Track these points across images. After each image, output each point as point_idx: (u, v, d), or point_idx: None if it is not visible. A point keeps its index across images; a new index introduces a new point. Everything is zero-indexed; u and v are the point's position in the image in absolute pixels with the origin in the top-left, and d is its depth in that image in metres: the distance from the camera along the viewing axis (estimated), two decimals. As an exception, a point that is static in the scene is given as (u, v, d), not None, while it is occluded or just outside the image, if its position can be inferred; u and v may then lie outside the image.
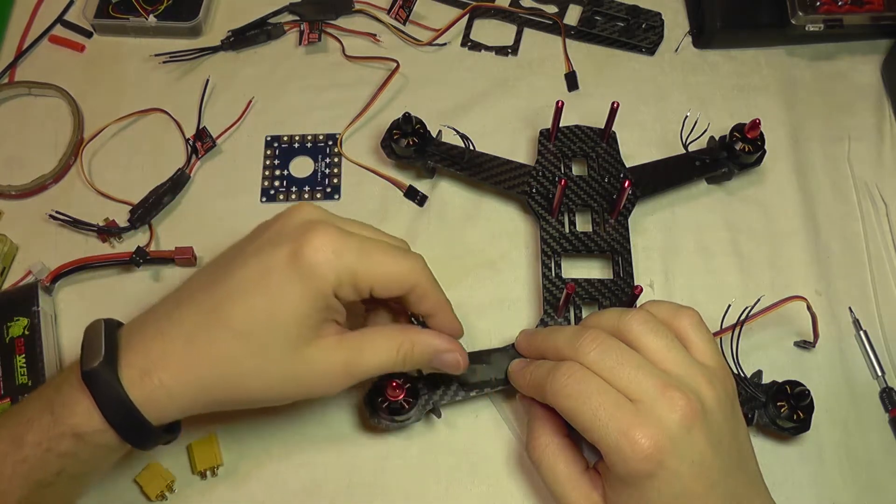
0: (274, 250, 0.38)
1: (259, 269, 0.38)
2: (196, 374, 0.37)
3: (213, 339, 0.37)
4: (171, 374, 0.37)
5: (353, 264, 0.38)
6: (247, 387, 0.38)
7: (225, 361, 0.37)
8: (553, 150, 0.54)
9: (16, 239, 0.54)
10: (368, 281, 0.39)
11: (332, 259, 0.37)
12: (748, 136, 0.53)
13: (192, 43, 0.62)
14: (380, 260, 0.39)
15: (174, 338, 0.37)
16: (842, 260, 0.54)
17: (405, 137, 0.53)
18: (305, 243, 0.37)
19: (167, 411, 0.37)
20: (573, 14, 0.63)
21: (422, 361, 0.41)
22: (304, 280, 0.37)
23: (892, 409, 0.48)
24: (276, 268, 0.37)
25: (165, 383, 0.37)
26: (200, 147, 0.57)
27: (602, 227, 0.52)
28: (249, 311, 0.37)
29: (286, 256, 0.37)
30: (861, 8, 0.58)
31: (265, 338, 0.37)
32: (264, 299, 0.37)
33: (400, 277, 0.40)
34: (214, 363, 0.37)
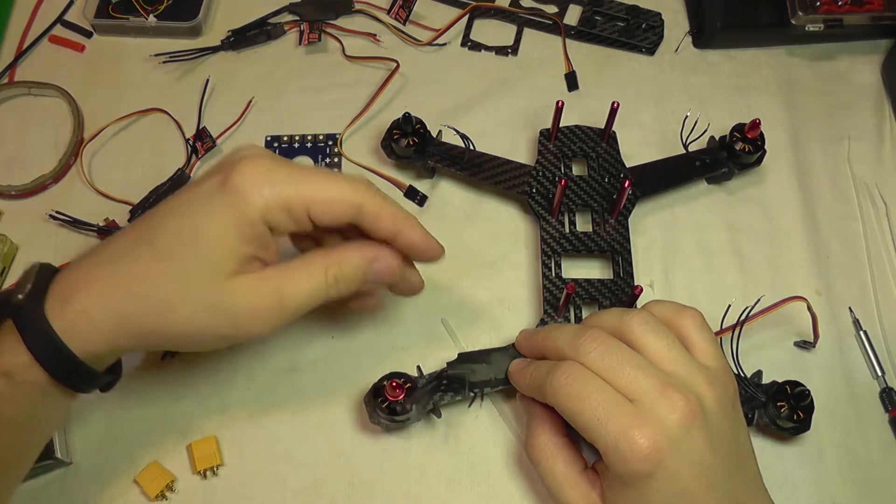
0: (206, 179, 0.37)
1: (189, 196, 0.37)
2: (118, 298, 0.36)
3: (137, 260, 0.36)
4: (93, 298, 0.36)
5: (285, 187, 0.36)
6: (170, 314, 0.36)
7: (146, 284, 0.36)
8: (553, 150, 0.54)
9: (16, 239, 0.54)
10: (303, 203, 0.37)
11: (260, 182, 0.36)
12: (748, 136, 0.53)
13: (192, 43, 0.62)
14: (315, 182, 0.37)
15: (98, 262, 0.37)
16: (842, 260, 0.54)
17: (405, 137, 0.53)
18: (234, 170, 0.36)
19: (92, 342, 0.36)
20: (573, 14, 0.63)
21: (355, 278, 0.40)
22: (231, 204, 0.36)
23: (892, 409, 0.48)
24: (205, 194, 0.37)
25: (87, 309, 0.35)
26: (200, 147, 0.57)
27: (602, 227, 0.52)
28: (174, 233, 0.36)
29: (216, 183, 0.36)
30: (861, 8, 0.58)
31: (188, 261, 0.36)
32: (189, 222, 0.36)
33: (339, 196, 0.38)
34: (136, 286, 0.36)
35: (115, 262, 0.37)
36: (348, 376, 0.49)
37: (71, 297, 0.36)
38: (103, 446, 0.47)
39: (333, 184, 0.38)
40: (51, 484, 0.46)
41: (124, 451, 0.47)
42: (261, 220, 0.37)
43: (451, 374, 0.46)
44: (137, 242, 0.37)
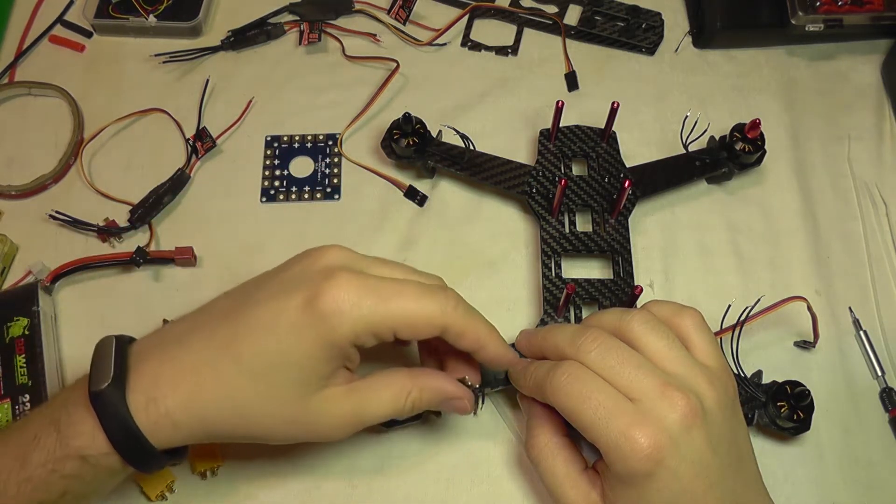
0: (291, 294, 0.37)
1: (273, 311, 0.37)
2: (201, 407, 0.37)
3: (222, 374, 0.37)
4: (177, 404, 0.36)
5: (370, 314, 0.36)
6: (252, 426, 0.38)
7: (231, 399, 0.37)
8: (553, 150, 0.54)
9: (16, 239, 0.54)
10: (388, 328, 0.37)
11: (348, 310, 0.36)
12: (748, 136, 0.53)
13: (192, 43, 0.62)
14: (400, 305, 0.37)
15: (183, 367, 0.37)
16: (842, 260, 0.54)
17: (405, 137, 0.53)
18: (321, 292, 0.36)
19: (171, 439, 0.37)
20: (573, 14, 0.63)
21: (430, 406, 0.41)
22: (317, 330, 0.36)
23: (892, 409, 0.48)
24: (290, 313, 0.36)
25: (171, 412, 0.36)
26: (200, 147, 0.57)
27: (602, 227, 0.52)
28: (260, 351, 0.36)
29: (301, 303, 0.36)
30: (861, 8, 0.58)
31: (273, 380, 0.37)
32: (275, 342, 0.36)
33: (425, 321, 0.38)
34: (221, 399, 0.37)
35: (199, 371, 0.37)
36: (348, 376, 0.49)
37: (157, 398, 0.36)
38: (103, 446, 0.47)
39: (419, 303, 0.38)
40: (51, 484, 0.46)
41: (124, 451, 0.47)
42: (349, 344, 0.37)
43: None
44: (221, 353, 0.37)
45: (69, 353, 0.50)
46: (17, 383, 0.46)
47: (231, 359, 0.37)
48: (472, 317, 0.40)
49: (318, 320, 0.36)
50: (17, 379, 0.47)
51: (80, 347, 0.50)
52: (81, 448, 0.36)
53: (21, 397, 0.46)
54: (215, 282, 0.52)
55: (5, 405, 0.46)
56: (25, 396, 0.46)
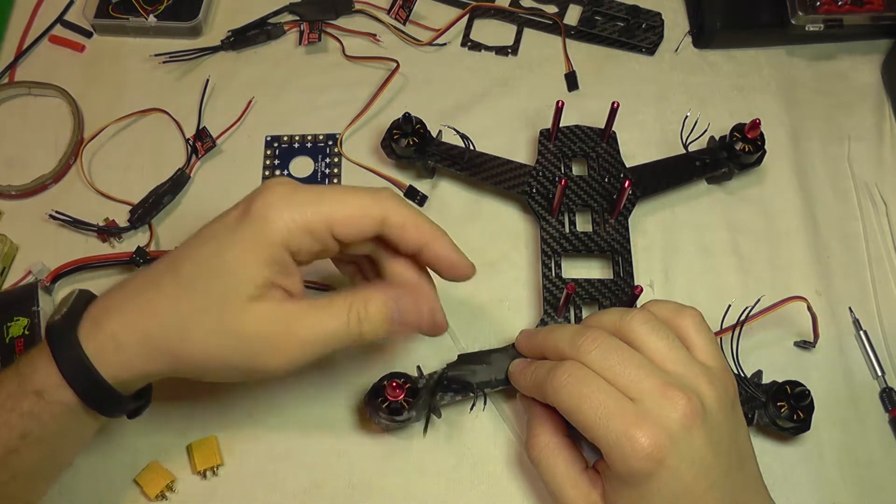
0: (228, 211, 0.38)
1: (213, 226, 0.38)
2: (141, 322, 0.37)
3: (162, 288, 0.37)
4: (120, 322, 0.37)
5: (305, 208, 0.36)
6: (185, 338, 0.36)
7: (167, 309, 0.37)
8: (553, 150, 0.54)
9: (16, 239, 0.54)
10: (324, 222, 0.37)
11: (280, 206, 0.36)
12: (748, 136, 0.53)
13: (192, 43, 0.62)
14: (335, 198, 0.37)
15: (129, 290, 0.38)
16: (842, 260, 0.54)
17: (405, 137, 0.53)
18: (255, 197, 0.37)
19: (118, 365, 0.37)
20: (573, 14, 0.63)
21: (380, 320, 0.38)
22: (252, 230, 0.36)
23: (892, 409, 0.48)
24: (227, 222, 0.37)
25: (115, 332, 0.36)
26: (200, 147, 0.57)
27: (602, 227, 0.52)
28: (195, 260, 0.37)
29: (239, 212, 0.37)
30: (861, 8, 0.58)
31: (207, 286, 0.36)
32: (211, 249, 0.37)
33: (361, 210, 0.37)
34: (158, 311, 0.37)
35: (143, 289, 0.38)
36: (348, 376, 0.49)
37: (101, 321, 0.37)
38: (103, 446, 0.47)
39: (354, 197, 0.38)
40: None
41: (124, 451, 0.47)
42: (281, 243, 0.36)
43: (450, 376, 0.46)
44: (164, 271, 0.38)
45: (69, 353, 0.50)
46: (17, 383, 0.46)
47: (171, 273, 0.37)
48: (412, 210, 0.39)
49: (251, 220, 0.36)
50: (17, 379, 0.47)
51: (80, 347, 0.50)
52: (37, 383, 0.36)
53: (21, 397, 0.46)
54: (215, 282, 0.52)
55: (5, 405, 0.46)
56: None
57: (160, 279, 0.38)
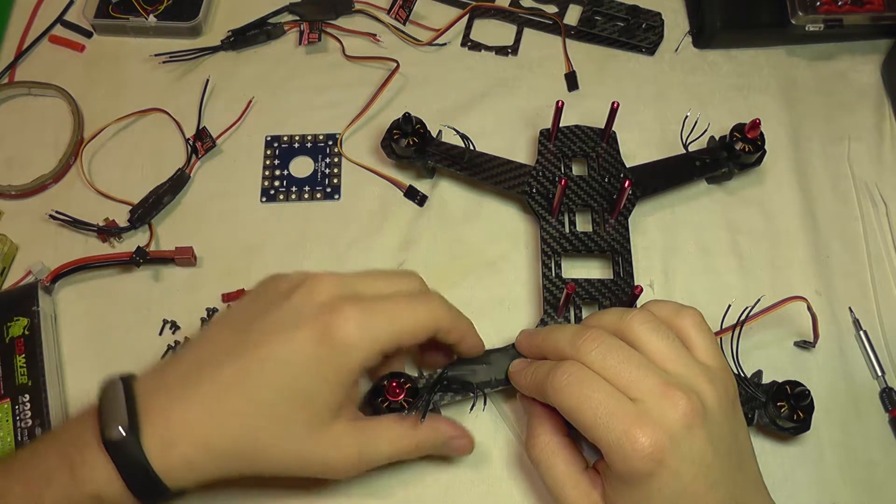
0: (300, 328, 0.38)
1: (286, 347, 0.38)
2: (216, 446, 0.37)
3: (235, 411, 0.37)
4: (192, 445, 0.37)
5: (378, 336, 0.38)
6: (265, 461, 0.38)
7: (246, 436, 0.37)
8: (553, 150, 0.54)
9: (16, 239, 0.54)
10: (395, 344, 0.39)
11: (360, 338, 0.38)
12: (748, 136, 0.53)
13: (192, 43, 0.62)
14: (402, 320, 0.39)
15: (195, 406, 0.37)
16: (842, 260, 0.54)
17: (405, 137, 0.53)
18: (333, 326, 0.37)
19: (186, 479, 0.37)
20: (573, 14, 0.63)
21: (434, 448, 0.43)
22: (335, 361, 0.37)
23: (892, 409, 0.48)
24: (305, 347, 0.37)
25: (186, 454, 0.37)
26: (200, 147, 0.57)
27: (602, 227, 0.52)
28: (274, 387, 0.37)
29: (314, 336, 0.37)
30: (861, 8, 0.58)
31: (287, 415, 0.38)
32: (291, 377, 0.37)
33: (423, 329, 0.40)
34: (236, 437, 0.37)
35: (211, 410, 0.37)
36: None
37: (172, 441, 0.36)
38: (103, 446, 0.47)
39: (416, 314, 0.40)
40: (51, 484, 0.46)
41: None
42: (360, 371, 0.39)
43: (451, 376, 0.46)
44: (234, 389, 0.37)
45: (69, 353, 0.50)
46: (17, 383, 0.46)
47: (243, 395, 0.37)
48: (455, 314, 0.43)
49: (334, 352, 0.37)
50: (17, 379, 0.47)
51: (80, 347, 0.51)
52: (97, 491, 0.36)
53: (21, 397, 0.46)
54: (215, 282, 0.52)
55: (5, 405, 0.46)
56: (25, 396, 0.46)
57: (230, 399, 0.37)
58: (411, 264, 0.53)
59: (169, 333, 0.51)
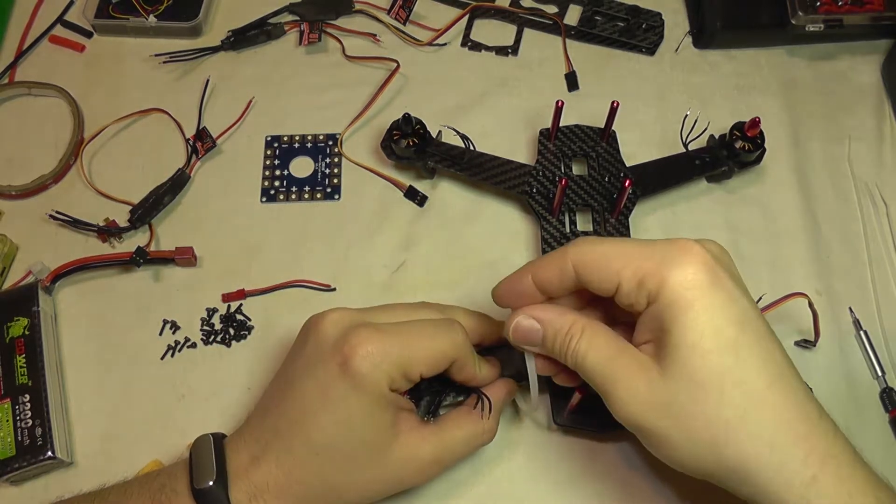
0: (322, 367, 0.39)
1: (316, 390, 0.39)
2: (294, 495, 0.39)
3: (302, 460, 0.38)
4: (275, 497, 0.38)
5: (399, 359, 0.38)
6: (342, 497, 0.40)
7: (318, 479, 0.39)
8: (553, 150, 0.54)
9: (16, 239, 0.54)
10: (417, 368, 0.39)
11: (379, 361, 0.38)
12: (748, 135, 0.53)
13: (192, 43, 0.62)
14: (422, 345, 0.40)
15: (268, 462, 0.39)
16: (842, 260, 0.54)
17: (405, 138, 0.53)
18: (349, 355, 0.38)
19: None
20: (573, 14, 0.63)
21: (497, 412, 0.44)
22: (359, 389, 0.38)
23: (892, 409, 0.48)
24: (331, 384, 0.38)
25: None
26: (200, 147, 0.57)
27: (603, 226, 0.52)
28: (322, 430, 0.38)
29: (336, 371, 0.38)
30: (861, 8, 0.58)
31: (345, 450, 0.38)
32: (331, 416, 0.38)
33: (444, 356, 0.40)
34: (310, 482, 0.39)
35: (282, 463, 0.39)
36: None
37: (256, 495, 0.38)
38: (103, 446, 0.47)
39: (436, 341, 0.40)
40: (51, 484, 0.46)
41: (124, 451, 0.47)
42: (388, 389, 0.39)
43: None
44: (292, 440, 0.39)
45: (69, 353, 0.50)
46: (17, 383, 0.46)
47: (302, 444, 0.39)
48: (471, 348, 0.42)
49: (356, 380, 0.38)
50: (17, 379, 0.47)
51: (80, 347, 0.51)
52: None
53: (21, 397, 0.46)
54: (215, 282, 0.52)
55: (5, 405, 0.46)
56: (25, 396, 0.46)
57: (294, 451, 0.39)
58: (411, 264, 0.53)
59: (169, 333, 0.51)
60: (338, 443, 0.38)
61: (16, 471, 0.44)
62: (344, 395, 0.38)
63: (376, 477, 0.40)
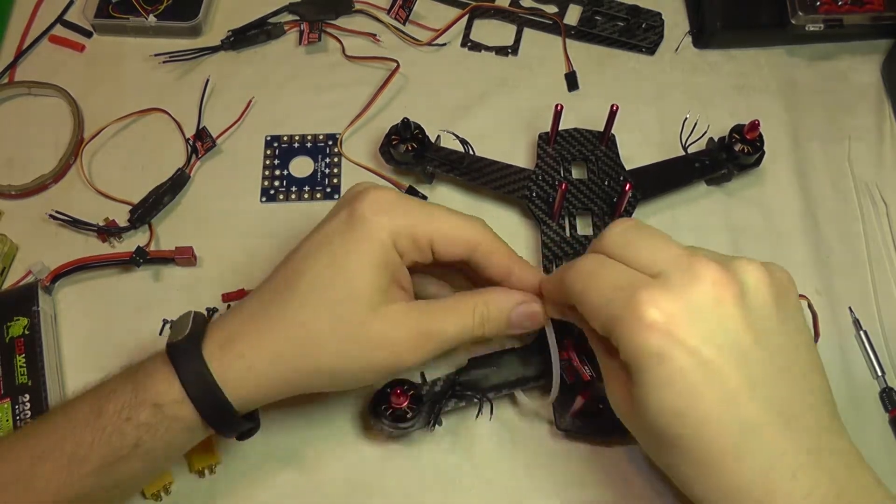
0: (332, 217, 0.39)
1: (320, 237, 0.38)
2: (272, 341, 0.37)
3: (286, 305, 0.37)
4: (249, 344, 0.37)
5: (409, 217, 0.38)
6: (321, 351, 0.37)
7: (298, 326, 0.37)
8: (552, 154, 0.54)
9: (16, 239, 0.54)
10: (427, 235, 0.38)
11: (386, 210, 0.37)
12: (747, 138, 0.53)
13: (192, 43, 0.62)
14: (438, 216, 0.39)
15: (251, 311, 0.38)
16: (842, 260, 0.54)
17: (404, 143, 0.53)
18: (359, 202, 0.38)
19: (245, 386, 0.37)
20: (573, 14, 0.63)
21: (501, 320, 0.40)
22: (363, 234, 0.37)
23: (892, 409, 0.48)
24: (335, 230, 0.38)
25: (244, 354, 0.37)
26: (200, 147, 0.57)
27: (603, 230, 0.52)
28: (316, 275, 0.37)
29: (343, 218, 0.38)
30: (861, 8, 0.58)
31: (334, 298, 0.37)
32: (328, 260, 0.37)
33: (461, 233, 0.39)
34: (288, 329, 0.37)
35: (265, 309, 0.38)
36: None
37: (228, 342, 0.37)
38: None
39: (455, 220, 0.39)
40: (51, 484, 0.46)
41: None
42: (391, 244, 0.38)
43: (462, 381, 0.45)
44: (283, 289, 0.38)
45: (69, 353, 0.50)
46: (17, 383, 0.47)
47: (291, 290, 0.37)
48: (500, 239, 0.41)
49: (359, 224, 0.37)
50: (17, 379, 0.47)
51: (80, 347, 0.51)
52: (156, 396, 0.36)
53: (21, 397, 0.46)
54: (215, 282, 0.52)
55: (5, 405, 0.46)
56: (25, 396, 0.46)
57: (280, 296, 0.38)
58: (411, 264, 0.53)
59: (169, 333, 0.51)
60: (326, 291, 0.37)
61: (16, 471, 0.44)
62: (343, 241, 0.37)
63: (359, 335, 0.37)
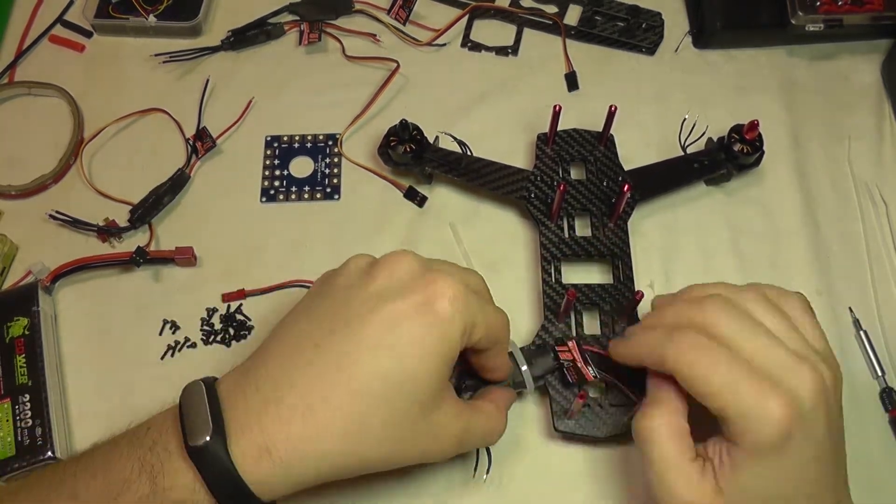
0: (397, 303, 0.35)
1: (384, 325, 0.35)
2: (319, 447, 0.34)
3: (337, 406, 0.34)
4: (292, 448, 0.33)
5: (475, 314, 0.36)
6: (371, 451, 0.35)
7: (351, 431, 0.34)
8: (551, 155, 0.54)
9: (16, 239, 0.54)
10: (481, 332, 0.37)
11: (462, 308, 0.35)
12: (746, 138, 0.53)
13: (192, 43, 0.62)
14: (490, 311, 0.38)
15: (292, 407, 0.34)
16: (842, 260, 0.54)
17: (402, 144, 0.53)
18: (436, 294, 0.35)
19: (280, 487, 0.34)
20: (573, 14, 0.63)
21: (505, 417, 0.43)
22: (437, 331, 0.35)
23: (892, 409, 0.48)
24: (405, 321, 0.34)
25: (285, 459, 0.33)
26: (200, 147, 0.57)
27: (601, 231, 0.51)
28: (377, 371, 0.34)
29: (415, 308, 0.35)
30: (861, 8, 0.58)
31: (394, 401, 0.34)
32: (395, 359, 0.34)
33: (500, 330, 0.39)
34: (339, 434, 0.34)
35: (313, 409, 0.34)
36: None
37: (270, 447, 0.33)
38: (103, 446, 0.47)
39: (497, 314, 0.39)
40: (51, 484, 0.46)
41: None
42: (460, 345, 0.36)
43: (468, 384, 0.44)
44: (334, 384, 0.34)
45: (69, 353, 0.50)
46: (17, 383, 0.47)
47: (344, 387, 0.34)
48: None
49: (436, 320, 0.35)
50: (17, 379, 0.47)
51: (80, 347, 0.51)
52: (179, 500, 0.33)
53: (21, 397, 0.46)
54: (215, 282, 0.52)
55: (5, 405, 0.46)
56: (25, 396, 0.46)
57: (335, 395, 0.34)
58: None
59: (169, 333, 0.51)
60: (387, 392, 0.34)
61: (16, 471, 0.44)
62: (415, 336, 0.34)
63: (408, 440, 0.35)
